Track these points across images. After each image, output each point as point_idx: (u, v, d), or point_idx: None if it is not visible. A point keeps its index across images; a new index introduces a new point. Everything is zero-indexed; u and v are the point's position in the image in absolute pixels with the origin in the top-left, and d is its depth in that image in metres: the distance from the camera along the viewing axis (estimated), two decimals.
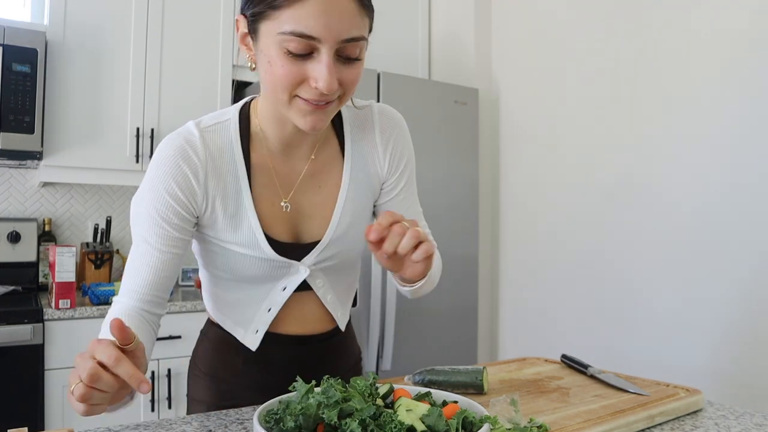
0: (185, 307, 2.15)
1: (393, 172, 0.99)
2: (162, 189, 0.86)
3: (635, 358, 2.15)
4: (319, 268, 0.95)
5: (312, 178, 0.94)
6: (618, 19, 2.27)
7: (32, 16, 2.49)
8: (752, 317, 1.83)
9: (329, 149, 0.96)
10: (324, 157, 0.95)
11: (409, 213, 1.01)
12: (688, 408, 0.92)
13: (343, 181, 0.95)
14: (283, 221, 0.93)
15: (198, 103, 2.50)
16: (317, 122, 0.81)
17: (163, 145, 0.89)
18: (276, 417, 0.64)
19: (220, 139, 0.90)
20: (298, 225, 0.94)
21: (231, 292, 0.98)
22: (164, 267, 0.86)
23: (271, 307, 0.96)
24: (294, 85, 0.78)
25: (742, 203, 1.87)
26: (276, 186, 0.92)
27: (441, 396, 0.74)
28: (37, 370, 1.91)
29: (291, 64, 0.76)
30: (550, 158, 2.55)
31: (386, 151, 0.98)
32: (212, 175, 0.88)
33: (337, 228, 0.94)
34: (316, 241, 0.94)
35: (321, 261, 0.94)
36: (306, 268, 0.94)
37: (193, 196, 0.87)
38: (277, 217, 0.92)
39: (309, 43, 0.75)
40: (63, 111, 2.24)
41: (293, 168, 0.93)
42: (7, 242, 2.35)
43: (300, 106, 0.80)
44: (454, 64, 2.92)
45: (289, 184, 0.93)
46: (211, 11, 2.53)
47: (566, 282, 2.45)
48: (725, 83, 1.92)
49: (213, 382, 1.03)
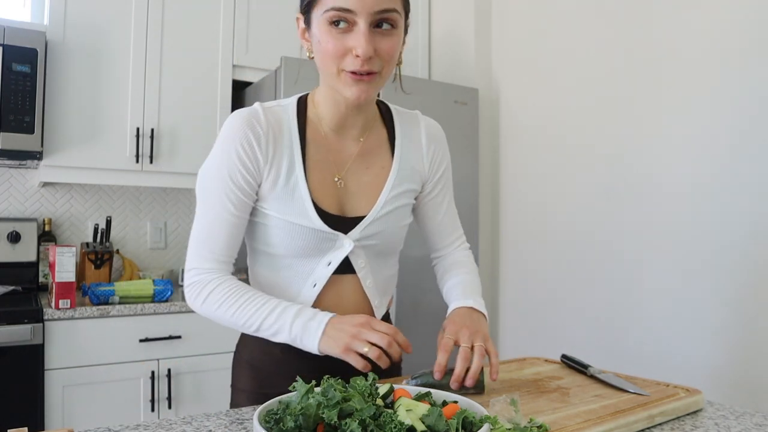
0: (185, 307, 2.15)
1: (433, 173, 1.10)
2: (232, 153, 0.96)
3: (635, 358, 2.15)
4: (361, 245, 1.02)
5: (362, 159, 1.04)
6: (618, 19, 2.27)
7: (32, 16, 2.49)
8: (752, 317, 1.83)
9: (377, 136, 1.07)
10: (372, 141, 1.06)
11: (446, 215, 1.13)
12: (688, 408, 0.92)
13: (393, 166, 1.05)
14: (332, 195, 1.01)
15: (198, 103, 2.50)
16: (362, 93, 0.92)
17: (230, 117, 0.99)
18: (276, 417, 0.64)
19: (280, 117, 1.01)
20: (345, 201, 1.02)
21: (280, 271, 1.03)
22: (236, 229, 0.98)
23: (316, 283, 1.02)
24: (339, 57, 0.91)
25: (742, 203, 1.87)
26: (330, 162, 1.02)
27: (441, 396, 0.74)
28: (37, 370, 1.91)
29: (335, 39, 0.90)
30: (550, 158, 2.55)
31: (429, 152, 1.09)
32: (272, 144, 0.98)
33: (383, 207, 1.02)
34: (361, 217, 1.01)
35: (364, 237, 1.01)
36: (351, 242, 1.00)
37: (256, 161, 0.97)
38: (327, 190, 1.00)
39: (347, 16, 0.88)
40: (63, 111, 2.24)
41: (345, 147, 1.04)
42: (7, 242, 2.36)
43: (346, 78, 0.92)
44: (454, 64, 2.92)
45: (342, 162, 1.03)
46: (211, 11, 2.53)
47: (566, 282, 2.45)
48: (727, 80, 1.92)
49: (254, 371, 1.07)
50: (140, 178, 2.40)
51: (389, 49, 0.92)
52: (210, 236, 0.98)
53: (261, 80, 2.47)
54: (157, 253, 2.75)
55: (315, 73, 1.02)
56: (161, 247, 2.75)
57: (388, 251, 1.08)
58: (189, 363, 2.16)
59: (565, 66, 2.48)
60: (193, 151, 2.48)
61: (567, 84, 2.47)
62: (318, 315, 0.93)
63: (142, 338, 2.08)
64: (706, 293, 1.95)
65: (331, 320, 0.92)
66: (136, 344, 2.07)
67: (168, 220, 2.78)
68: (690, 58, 2.02)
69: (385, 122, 1.09)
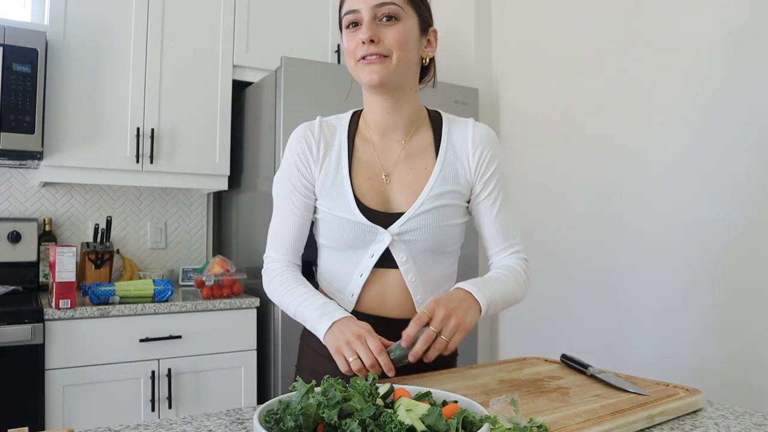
0: (185, 307, 2.16)
1: (481, 174, 1.13)
2: (291, 161, 1.14)
3: (635, 358, 2.15)
4: (402, 240, 1.09)
5: (406, 160, 1.14)
6: (619, 19, 2.27)
7: (32, 16, 2.49)
8: (753, 317, 1.83)
9: (422, 139, 1.15)
10: (416, 143, 1.15)
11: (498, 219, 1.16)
12: (687, 408, 0.92)
13: (435, 166, 1.12)
14: (378, 193, 1.11)
15: (198, 103, 2.50)
16: (372, 74, 1.05)
17: (294, 132, 1.16)
18: (276, 417, 0.64)
19: (334, 126, 1.16)
20: (390, 198, 1.12)
21: (335, 262, 1.16)
22: (300, 226, 1.15)
23: (362, 273, 1.12)
24: (353, 49, 1.06)
25: (743, 203, 1.87)
26: (376, 162, 1.13)
27: (441, 396, 0.74)
28: (37, 370, 1.91)
29: (350, 37, 1.07)
30: (550, 158, 2.55)
31: (476, 153, 1.13)
32: (323, 150, 1.13)
33: (422, 204, 1.09)
34: (403, 213, 1.10)
35: (404, 232, 1.09)
36: (389, 235, 1.08)
37: (309, 165, 1.13)
38: (372, 188, 1.11)
39: (356, 16, 1.05)
40: (63, 111, 2.24)
41: (390, 149, 1.14)
42: (7, 242, 2.36)
43: (361, 66, 1.06)
44: (454, 64, 2.92)
45: (388, 162, 1.14)
46: (211, 11, 2.53)
47: (566, 282, 2.45)
48: (729, 77, 1.92)
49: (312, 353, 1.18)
50: (140, 178, 2.40)
51: (395, 36, 1.04)
52: (280, 231, 1.16)
53: (261, 80, 2.47)
54: (158, 253, 2.75)
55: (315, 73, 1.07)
56: (161, 247, 2.76)
57: (434, 249, 1.12)
58: (189, 363, 2.17)
59: (565, 66, 2.48)
60: (193, 151, 2.49)
61: (567, 84, 2.48)
62: (335, 312, 1.03)
63: (142, 338, 2.08)
64: (706, 293, 1.95)
65: (341, 320, 1.01)
66: (137, 344, 2.08)
67: (168, 220, 2.78)
68: (692, 58, 2.02)
69: (434, 127, 1.17)
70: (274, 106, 2.27)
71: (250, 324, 2.29)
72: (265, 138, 2.36)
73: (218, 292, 2.29)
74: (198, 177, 2.52)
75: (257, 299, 2.30)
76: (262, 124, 2.40)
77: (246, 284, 2.43)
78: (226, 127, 2.56)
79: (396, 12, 1.04)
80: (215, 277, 2.28)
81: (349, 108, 1.22)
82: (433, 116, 1.19)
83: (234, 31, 2.57)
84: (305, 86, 2.21)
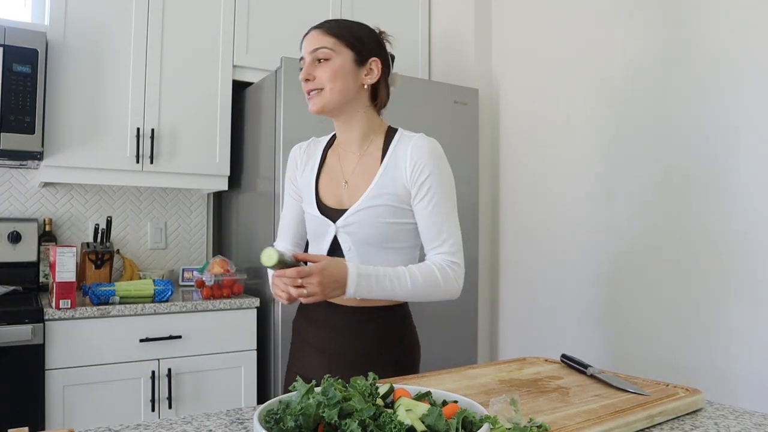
0: (185, 307, 2.16)
1: (415, 180, 1.29)
2: (287, 171, 1.46)
3: (635, 358, 2.15)
4: (345, 231, 1.30)
5: (361, 167, 1.34)
6: (619, 19, 2.27)
7: (33, 17, 2.49)
8: (752, 317, 1.84)
9: (374, 151, 1.35)
10: (369, 154, 1.35)
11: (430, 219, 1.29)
12: (687, 408, 0.93)
13: (379, 170, 1.31)
14: (335, 193, 1.35)
15: (198, 103, 2.50)
16: (312, 104, 1.31)
17: None
18: (276, 417, 0.64)
19: (319, 144, 1.44)
20: (343, 198, 1.34)
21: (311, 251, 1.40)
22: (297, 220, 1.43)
23: None
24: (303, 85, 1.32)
25: (743, 202, 1.87)
26: (339, 170, 1.37)
27: (441, 396, 0.74)
28: (37, 370, 1.91)
29: None
30: (550, 158, 2.55)
31: (411, 162, 1.29)
32: (304, 162, 1.42)
33: (362, 202, 1.29)
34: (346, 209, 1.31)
35: (346, 225, 1.29)
36: (335, 227, 1.31)
37: (295, 175, 1.43)
38: (331, 190, 1.35)
39: (303, 62, 1.32)
40: (63, 111, 2.24)
41: (349, 159, 1.37)
42: (7, 242, 2.36)
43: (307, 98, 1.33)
44: (454, 64, 2.92)
45: (347, 170, 1.36)
46: (211, 11, 2.53)
47: (566, 282, 2.45)
48: (728, 76, 1.92)
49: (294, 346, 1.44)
50: (140, 178, 2.40)
51: (323, 73, 1.28)
52: (283, 224, 1.45)
53: (261, 80, 2.47)
54: (158, 253, 2.76)
55: None
56: (161, 247, 2.76)
57: (374, 242, 1.29)
58: (189, 363, 2.17)
59: (565, 66, 2.48)
60: (193, 152, 2.49)
61: (567, 84, 2.48)
62: None
63: (142, 338, 2.08)
64: (705, 293, 1.95)
65: None
66: (137, 344, 2.08)
67: (168, 220, 2.78)
68: (690, 56, 2.02)
69: (386, 141, 1.36)
70: (274, 106, 2.27)
71: (250, 324, 2.29)
72: (265, 138, 2.36)
73: (218, 293, 2.29)
74: (198, 177, 2.52)
75: (257, 299, 2.30)
76: (262, 124, 2.40)
77: (246, 284, 2.43)
78: (226, 127, 2.57)
79: (326, 54, 1.28)
80: (215, 277, 2.28)
81: None
82: (389, 132, 1.37)
83: (234, 31, 2.57)
84: None
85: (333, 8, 2.78)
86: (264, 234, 2.35)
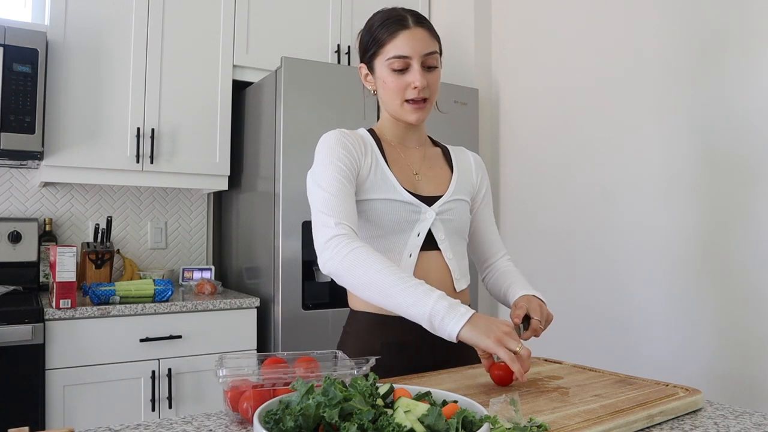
0: (185, 307, 2.16)
1: (479, 190, 1.37)
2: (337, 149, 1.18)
3: (635, 358, 2.15)
4: (441, 219, 1.23)
5: (425, 162, 1.31)
6: (619, 19, 2.27)
7: (33, 17, 2.49)
8: (752, 316, 1.84)
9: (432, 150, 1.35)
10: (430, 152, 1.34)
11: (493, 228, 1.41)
12: (687, 407, 0.93)
13: (454, 171, 1.32)
14: (410, 183, 1.25)
15: (198, 103, 2.50)
16: (420, 115, 1.23)
17: (326, 135, 1.23)
18: (276, 417, 0.64)
19: (358, 133, 1.28)
20: (420, 188, 1.26)
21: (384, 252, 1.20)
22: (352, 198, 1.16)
23: (411, 253, 1.21)
24: (401, 91, 1.20)
25: (743, 202, 1.87)
26: (405, 161, 1.28)
27: (441, 396, 0.74)
28: (37, 370, 1.91)
29: (397, 78, 1.20)
30: (550, 158, 2.55)
31: (477, 173, 1.37)
32: (361, 148, 1.22)
33: (453, 192, 1.27)
34: (437, 196, 1.25)
35: (443, 211, 1.24)
36: (433, 212, 1.22)
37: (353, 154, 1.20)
38: (405, 179, 1.25)
39: (405, 61, 1.18)
40: (64, 111, 2.24)
41: (411, 153, 1.31)
42: (7, 242, 2.36)
43: (408, 107, 1.22)
44: (454, 64, 2.92)
45: (412, 162, 1.29)
46: (211, 11, 2.53)
47: (566, 282, 2.45)
48: (727, 76, 1.92)
49: None
50: (141, 178, 2.40)
51: (435, 80, 1.22)
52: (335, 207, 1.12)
53: (261, 80, 2.47)
54: (158, 253, 2.76)
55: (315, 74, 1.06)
56: (162, 247, 2.76)
57: (461, 232, 1.29)
58: (189, 363, 2.17)
59: (565, 66, 2.49)
60: (193, 151, 2.49)
61: (567, 84, 2.48)
62: (463, 306, 1.02)
63: (142, 338, 2.08)
64: (705, 293, 1.96)
65: (476, 314, 1.02)
66: (137, 344, 2.08)
67: (168, 220, 2.78)
68: (690, 56, 2.02)
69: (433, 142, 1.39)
70: (274, 106, 2.27)
71: (250, 324, 2.29)
72: (265, 138, 2.36)
73: None
74: (198, 177, 2.52)
75: (257, 299, 2.30)
76: (262, 124, 2.40)
77: (246, 284, 2.43)
78: (226, 127, 2.57)
79: (436, 61, 1.22)
80: None
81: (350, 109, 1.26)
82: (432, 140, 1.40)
83: (234, 31, 2.57)
84: (305, 86, 2.21)
85: (333, 8, 2.78)
86: (264, 234, 2.35)
